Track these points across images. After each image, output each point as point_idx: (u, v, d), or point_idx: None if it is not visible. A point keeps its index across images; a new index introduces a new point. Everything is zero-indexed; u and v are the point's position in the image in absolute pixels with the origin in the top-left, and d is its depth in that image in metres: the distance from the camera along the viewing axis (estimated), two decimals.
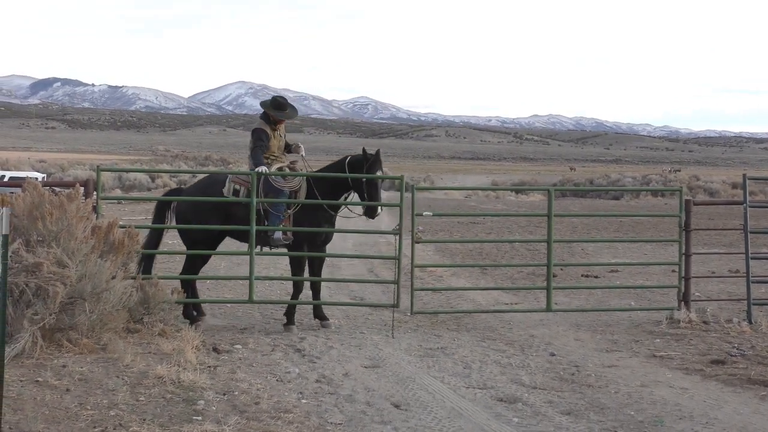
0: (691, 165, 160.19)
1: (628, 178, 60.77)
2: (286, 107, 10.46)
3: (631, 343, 9.70)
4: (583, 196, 42.15)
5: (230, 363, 8.11)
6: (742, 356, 8.90)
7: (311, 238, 10.16)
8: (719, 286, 13.66)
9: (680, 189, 12.18)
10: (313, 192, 10.08)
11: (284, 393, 7.21)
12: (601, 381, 8.01)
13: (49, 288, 7.80)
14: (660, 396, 7.51)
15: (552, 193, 11.07)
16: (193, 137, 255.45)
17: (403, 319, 10.50)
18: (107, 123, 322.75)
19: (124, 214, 24.30)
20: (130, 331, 8.77)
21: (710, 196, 45.84)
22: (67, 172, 50.54)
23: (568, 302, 12.27)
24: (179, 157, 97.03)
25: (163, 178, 47.33)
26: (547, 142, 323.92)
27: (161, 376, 7.22)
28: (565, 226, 23.40)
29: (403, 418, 6.72)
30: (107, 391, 6.84)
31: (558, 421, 6.76)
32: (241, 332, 9.65)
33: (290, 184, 10.13)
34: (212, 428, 6.02)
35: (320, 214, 10.10)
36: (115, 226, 9.09)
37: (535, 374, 8.21)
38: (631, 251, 18.81)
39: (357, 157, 10.17)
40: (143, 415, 6.28)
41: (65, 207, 8.41)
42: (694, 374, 8.33)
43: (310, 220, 10.06)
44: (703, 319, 10.55)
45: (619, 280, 14.47)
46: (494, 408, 7.10)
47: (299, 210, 10.10)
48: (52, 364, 7.52)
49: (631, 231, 23.99)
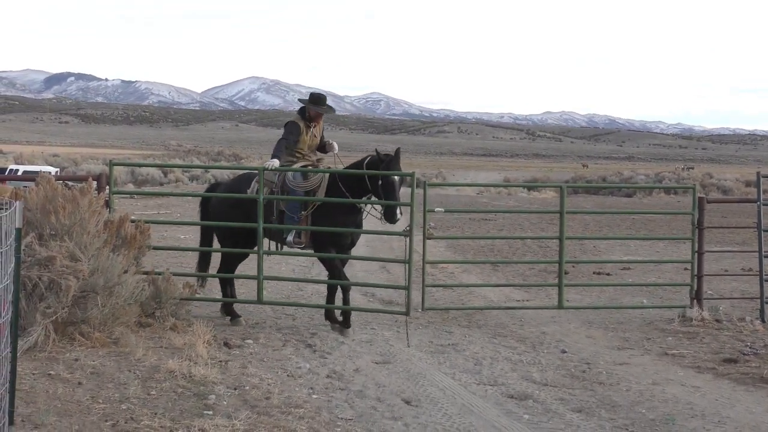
0: (704, 162, 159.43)
1: (640, 176, 60.51)
2: (324, 103, 10.06)
3: (642, 340, 9.66)
4: (595, 194, 42.02)
5: (241, 358, 8.12)
6: (755, 355, 8.86)
7: (335, 241, 9.67)
8: (732, 284, 13.59)
9: (693, 186, 12.12)
10: (336, 192, 9.58)
11: (295, 388, 7.21)
12: (612, 379, 7.98)
13: (62, 282, 7.83)
14: (672, 394, 7.48)
15: (564, 190, 11.05)
16: (206, 132, 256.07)
17: (414, 315, 10.47)
18: (120, 118, 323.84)
19: (136, 208, 24.37)
20: (141, 326, 8.80)
21: (723, 194, 45.64)
22: (80, 167, 50.77)
23: (579, 299, 12.24)
24: (192, 152, 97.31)
25: (175, 173, 47.46)
26: (560, 139, 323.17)
27: (172, 371, 7.24)
28: (577, 223, 23.34)
29: (414, 414, 6.72)
30: (119, 384, 6.87)
31: (569, 419, 6.74)
32: (252, 327, 9.66)
33: (305, 183, 9.71)
34: (223, 423, 6.03)
35: (341, 215, 9.60)
36: (127, 220, 9.12)
37: (546, 371, 8.19)
38: (643, 249, 18.74)
39: (374, 158, 9.69)
40: (154, 409, 6.30)
41: (78, 201, 8.44)
42: (706, 372, 8.29)
43: (329, 222, 9.57)
44: (716, 318, 10.50)
45: (632, 278, 14.42)
46: (505, 405, 7.09)
47: (317, 211, 9.67)
48: (65, 358, 7.55)
49: (644, 228, 23.89)
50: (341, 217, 9.62)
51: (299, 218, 9.69)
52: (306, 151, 9.94)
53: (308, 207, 9.68)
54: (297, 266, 14.40)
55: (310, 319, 10.12)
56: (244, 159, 75.06)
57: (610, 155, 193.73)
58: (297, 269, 14.25)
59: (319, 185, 9.69)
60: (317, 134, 10.03)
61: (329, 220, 9.59)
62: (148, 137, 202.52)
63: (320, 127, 10.06)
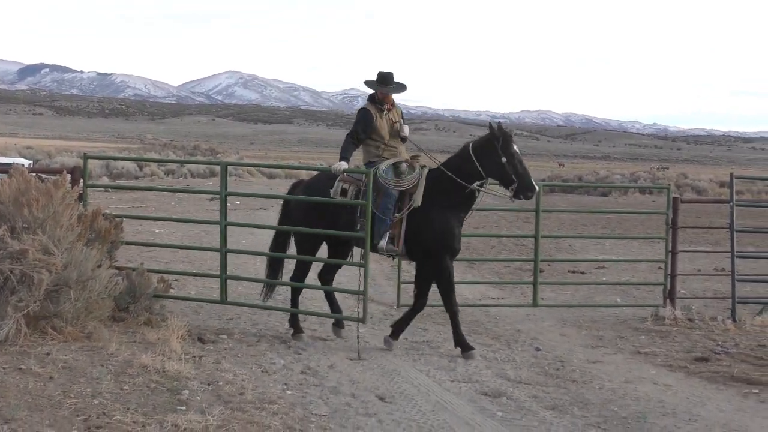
0: (679, 163, 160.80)
1: (616, 175, 60.84)
2: (392, 81, 8.87)
3: (616, 339, 9.73)
4: (571, 193, 42.22)
5: (215, 353, 8.08)
6: (726, 354, 8.95)
7: (449, 244, 8.53)
8: (704, 283, 13.72)
9: (668, 187, 12.21)
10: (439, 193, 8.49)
11: (269, 384, 7.19)
12: (585, 377, 8.03)
13: (34, 275, 7.75)
14: (644, 392, 7.54)
15: (540, 188, 11.09)
16: (182, 126, 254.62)
17: (390, 311, 10.49)
18: (95, 110, 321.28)
19: (111, 202, 24.19)
20: (115, 320, 8.73)
21: (697, 195, 46.02)
22: (54, 159, 50.26)
23: (554, 298, 12.30)
24: (168, 146, 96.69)
25: (151, 167, 47.08)
26: (537, 138, 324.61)
27: (146, 365, 7.19)
28: (553, 222, 23.46)
29: (388, 410, 6.72)
30: (91, 379, 6.81)
31: (542, 416, 6.78)
32: (227, 322, 9.62)
33: (400, 182, 8.54)
34: (196, 418, 5.99)
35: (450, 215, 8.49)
36: (100, 213, 9.05)
37: (520, 369, 8.23)
38: (618, 248, 18.87)
39: (480, 139, 8.62)
40: (127, 404, 6.25)
41: (52, 194, 8.36)
42: (678, 371, 8.36)
43: (431, 224, 8.45)
44: (688, 317, 10.60)
45: (606, 277, 14.51)
46: (479, 402, 7.11)
47: (414, 212, 8.47)
48: (36, 352, 7.47)
49: (619, 228, 24.06)
50: (451, 218, 8.50)
51: (391, 220, 8.52)
52: (388, 139, 8.85)
53: (404, 207, 8.52)
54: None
55: (285, 315, 10.08)
56: (221, 153, 74.65)
57: (587, 154, 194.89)
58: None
59: (416, 185, 8.54)
60: (395, 117, 8.93)
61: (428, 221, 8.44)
62: (124, 130, 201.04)
63: (398, 110, 9.01)
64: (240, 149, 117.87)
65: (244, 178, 44.21)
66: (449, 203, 8.50)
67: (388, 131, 8.85)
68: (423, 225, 8.46)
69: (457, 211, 8.54)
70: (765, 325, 10.22)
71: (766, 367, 8.38)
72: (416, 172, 8.60)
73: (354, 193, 8.67)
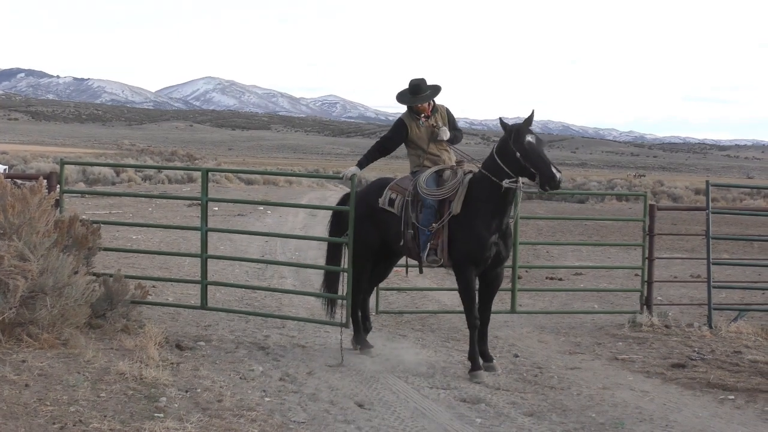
0: (655, 170, 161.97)
1: (593, 182, 61.22)
2: (424, 89, 8.57)
3: (593, 345, 9.78)
4: (548, 199, 42.37)
5: (193, 360, 8.04)
6: (702, 360, 9.02)
7: (475, 255, 8.14)
8: (681, 290, 13.82)
9: (644, 194, 12.31)
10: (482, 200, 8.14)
11: (247, 391, 7.17)
12: (563, 383, 8.06)
13: (10, 282, 7.68)
14: (621, 398, 7.58)
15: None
16: (160, 132, 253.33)
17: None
18: (72, 116, 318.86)
19: (87, 208, 24.00)
20: (92, 327, 8.67)
21: (674, 202, 46.41)
22: (29, 165, 49.81)
23: (532, 304, 12.35)
24: (145, 151, 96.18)
25: (128, 172, 46.77)
26: None
27: (123, 373, 7.15)
28: (531, 229, 23.53)
29: (367, 417, 6.72)
30: (67, 386, 6.75)
31: (520, 423, 6.80)
32: (205, 329, 9.58)
33: (438, 191, 8.28)
34: (174, 426, 5.96)
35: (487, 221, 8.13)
36: (77, 220, 8.98)
37: (498, 375, 8.25)
38: (595, 254, 18.96)
39: (500, 138, 8.23)
40: (104, 411, 6.21)
41: (28, 200, 8.29)
42: (654, 377, 8.42)
43: (469, 234, 8.13)
44: (665, 323, 10.67)
45: (583, 283, 14.58)
46: (457, 408, 7.12)
47: (452, 220, 8.20)
48: (12, 359, 7.40)
49: (596, 234, 24.18)
50: (479, 226, 8.13)
51: (430, 231, 8.28)
52: (428, 147, 8.60)
53: (442, 216, 8.25)
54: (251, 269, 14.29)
55: (264, 321, 10.06)
56: (199, 159, 74.34)
57: (564, 161, 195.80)
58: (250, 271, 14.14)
59: (456, 192, 8.24)
60: (439, 121, 8.65)
61: (466, 230, 8.17)
62: (101, 136, 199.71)
63: (443, 113, 8.69)
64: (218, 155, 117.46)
65: (222, 183, 44.08)
66: (484, 209, 8.13)
67: (428, 139, 8.62)
68: (455, 234, 8.21)
69: (490, 217, 8.13)
70: (740, 331, 10.30)
71: (742, 373, 8.45)
72: (457, 178, 8.32)
73: (401, 202, 8.48)
